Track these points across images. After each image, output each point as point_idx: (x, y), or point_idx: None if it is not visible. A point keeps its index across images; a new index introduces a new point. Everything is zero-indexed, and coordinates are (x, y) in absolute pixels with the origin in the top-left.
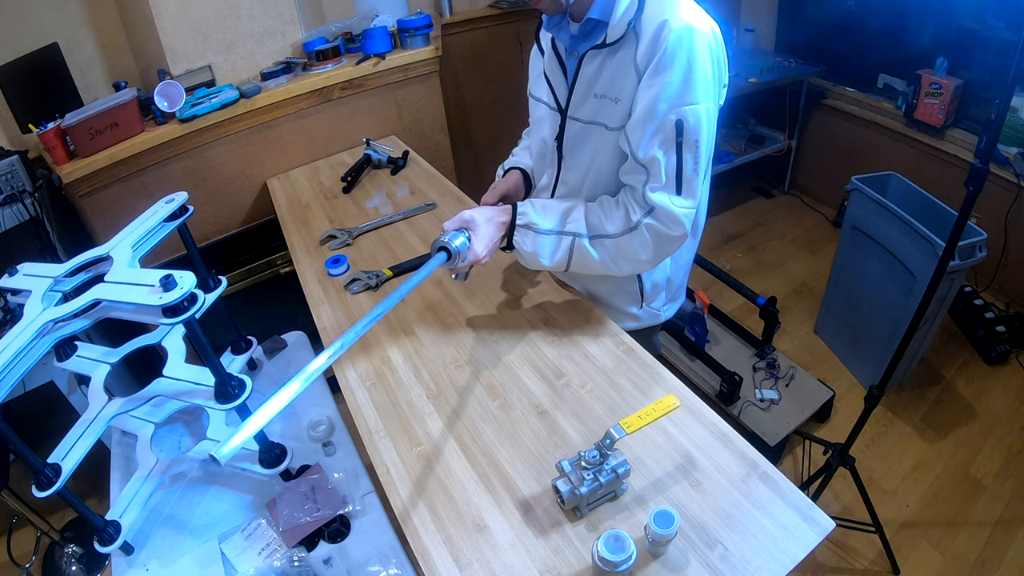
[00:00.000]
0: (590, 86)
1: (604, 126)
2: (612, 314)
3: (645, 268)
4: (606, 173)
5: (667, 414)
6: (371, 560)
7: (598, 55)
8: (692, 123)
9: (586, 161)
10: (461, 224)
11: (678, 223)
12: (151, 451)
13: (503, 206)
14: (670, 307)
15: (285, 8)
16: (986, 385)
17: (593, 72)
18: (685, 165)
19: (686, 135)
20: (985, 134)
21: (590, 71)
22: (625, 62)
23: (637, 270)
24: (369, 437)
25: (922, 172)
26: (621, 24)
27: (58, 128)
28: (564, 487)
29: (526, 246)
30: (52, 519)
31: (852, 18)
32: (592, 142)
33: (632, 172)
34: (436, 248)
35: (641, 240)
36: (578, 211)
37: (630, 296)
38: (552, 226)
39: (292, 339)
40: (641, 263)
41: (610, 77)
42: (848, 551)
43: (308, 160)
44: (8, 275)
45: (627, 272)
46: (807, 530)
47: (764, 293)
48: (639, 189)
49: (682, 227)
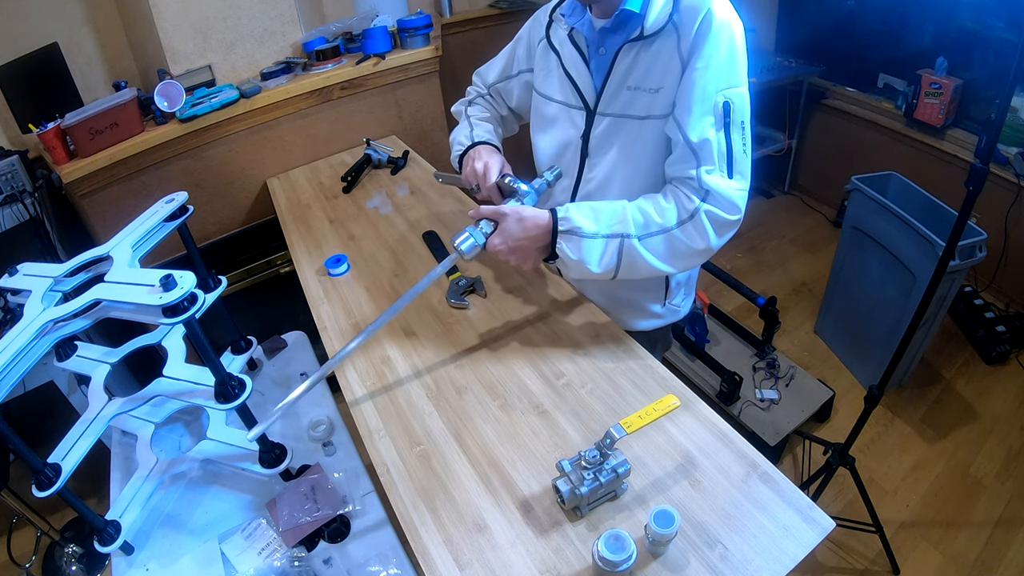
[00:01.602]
0: (624, 79)
1: (638, 118)
2: (635, 314)
3: (701, 260)
4: (642, 167)
5: (667, 414)
6: (371, 560)
7: (634, 47)
8: (738, 104)
9: (616, 156)
10: (494, 215)
11: (734, 206)
12: (151, 451)
13: (538, 211)
14: (687, 301)
15: (285, 8)
16: (986, 385)
17: (629, 64)
18: (735, 146)
19: (733, 116)
20: (985, 134)
21: (625, 64)
22: (664, 51)
23: (691, 264)
24: (369, 437)
25: (922, 172)
26: (662, 16)
27: (58, 128)
28: (564, 487)
29: (572, 254)
30: (52, 519)
31: (852, 18)
32: (623, 136)
33: (681, 161)
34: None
35: (699, 228)
36: (624, 210)
37: (654, 295)
38: (598, 229)
39: (292, 339)
40: (697, 254)
41: (646, 68)
42: (848, 551)
43: (308, 160)
44: (8, 275)
45: (680, 269)
46: (807, 530)
47: (764, 293)
48: (692, 175)
49: (738, 209)
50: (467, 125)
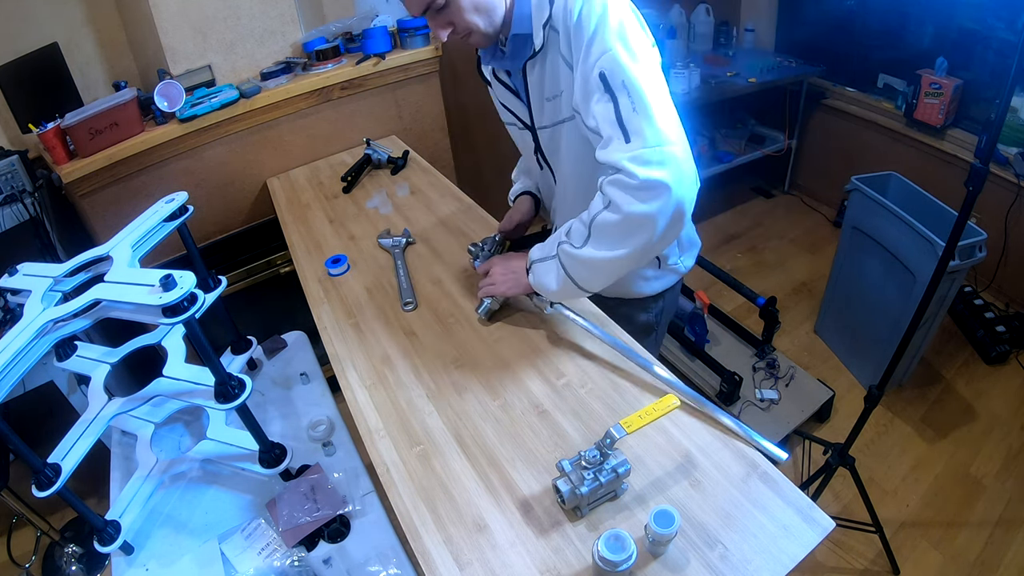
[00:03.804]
0: (540, 93)
1: (564, 122)
2: (637, 283)
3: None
4: (587, 163)
5: (667, 414)
6: (371, 560)
7: (535, 64)
8: (610, 67)
9: (568, 159)
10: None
11: (635, 168)
12: (151, 451)
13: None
14: (687, 257)
15: (285, 8)
16: (986, 385)
17: (537, 79)
18: (622, 108)
19: (611, 81)
20: (985, 134)
21: (535, 80)
22: (555, 58)
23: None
24: (369, 437)
25: (922, 172)
26: (539, 28)
27: (58, 128)
28: (564, 487)
29: (536, 278)
30: (52, 519)
31: (852, 18)
32: (563, 141)
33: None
34: None
35: (611, 204)
36: (567, 225)
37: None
38: (544, 252)
39: (292, 339)
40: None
41: (550, 77)
42: (848, 551)
43: (308, 160)
44: (8, 275)
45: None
46: (807, 530)
47: (764, 293)
48: (599, 157)
49: (642, 168)
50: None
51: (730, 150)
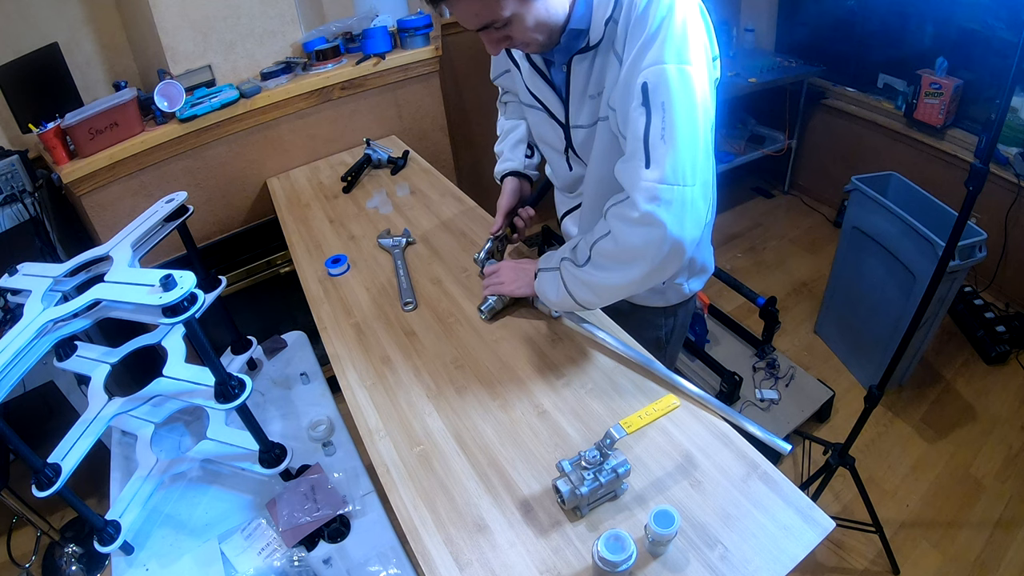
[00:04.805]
0: (583, 89)
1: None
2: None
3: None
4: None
5: (667, 414)
6: (371, 560)
7: (584, 59)
8: (655, 81)
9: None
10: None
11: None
12: (151, 451)
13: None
14: (695, 281)
15: (285, 8)
16: (986, 385)
17: (583, 75)
18: (652, 130)
19: (651, 95)
20: (985, 134)
21: (580, 75)
22: (607, 53)
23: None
24: (369, 437)
25: (922, 172)
26: (599, 23)
27: (58, 128)
28: (564, 487)
29: (540, 285)
30: (52, 519)
31: (852, 18)
32: (596, 140)
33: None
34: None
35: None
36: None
37: None
38: (551, 263)
39: (292, 339)
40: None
41: (599, 74)
42: (848, 551)
43: (308, 160)
44: (8, 275)
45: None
46: (807, 530)
47: (764, 293)
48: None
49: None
50: (500, 138)
51: (730, 150)
